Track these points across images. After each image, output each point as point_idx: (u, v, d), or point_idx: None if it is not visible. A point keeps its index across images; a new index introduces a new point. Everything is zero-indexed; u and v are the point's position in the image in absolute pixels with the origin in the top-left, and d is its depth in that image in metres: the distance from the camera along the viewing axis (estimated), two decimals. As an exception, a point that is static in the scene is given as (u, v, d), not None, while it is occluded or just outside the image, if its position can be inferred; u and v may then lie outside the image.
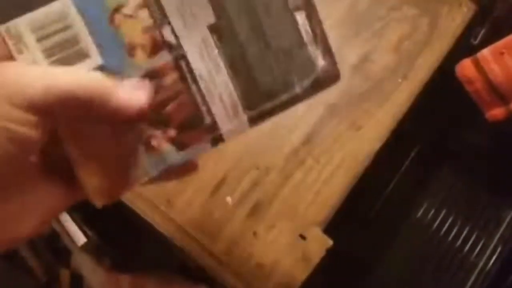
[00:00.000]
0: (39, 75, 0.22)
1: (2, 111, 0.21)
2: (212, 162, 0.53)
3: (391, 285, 0.64)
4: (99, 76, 0.23)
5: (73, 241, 0.62)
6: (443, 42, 0.58)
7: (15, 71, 0.22)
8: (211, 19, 0.26)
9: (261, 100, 0.27)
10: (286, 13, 0.27)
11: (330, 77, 0.28)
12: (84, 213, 0.63)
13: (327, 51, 0.28)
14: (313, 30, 0.27)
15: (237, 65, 0.27)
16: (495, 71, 0.55)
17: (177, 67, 0.26)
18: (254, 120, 0.28)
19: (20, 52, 0.23)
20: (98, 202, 0.25)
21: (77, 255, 0.63)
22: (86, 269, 0.63)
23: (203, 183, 0.53)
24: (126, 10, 0.25)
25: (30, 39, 0.23)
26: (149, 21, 0.25)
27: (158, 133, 0.26)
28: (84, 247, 0.62)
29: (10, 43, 0.23)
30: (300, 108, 0.48)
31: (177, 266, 0.61)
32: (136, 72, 0.25)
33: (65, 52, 0.24)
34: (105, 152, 0.25)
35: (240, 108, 0.27)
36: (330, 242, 0.52)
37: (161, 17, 0.25)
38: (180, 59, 0.26)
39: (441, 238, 0.64)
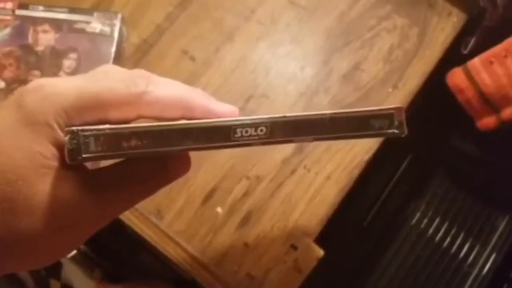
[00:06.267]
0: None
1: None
2: (202, 172, 0.53)
3: (384, 294, 0.64)
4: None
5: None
6: (433, 52, 0.58)
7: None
8: None
9: None
10: None
11: None
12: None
13: None
14: None
15: None
16: (485, 80, 0.55)
17: None
18: None
19: None
20: None
21: (68, 267, 0.63)
22: (77, 281, 0.62)
23: (193, 193, 0.53)
24: None
25: None
26: None
27: None
28: (75, 258, 0.62)
29: None
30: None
31: (168, 276, 0.61)
32: None
33: None
34: None
35: None
36: (321, 252, 0.52)
37: None
38: None
39: (435, 246, 0.64)
